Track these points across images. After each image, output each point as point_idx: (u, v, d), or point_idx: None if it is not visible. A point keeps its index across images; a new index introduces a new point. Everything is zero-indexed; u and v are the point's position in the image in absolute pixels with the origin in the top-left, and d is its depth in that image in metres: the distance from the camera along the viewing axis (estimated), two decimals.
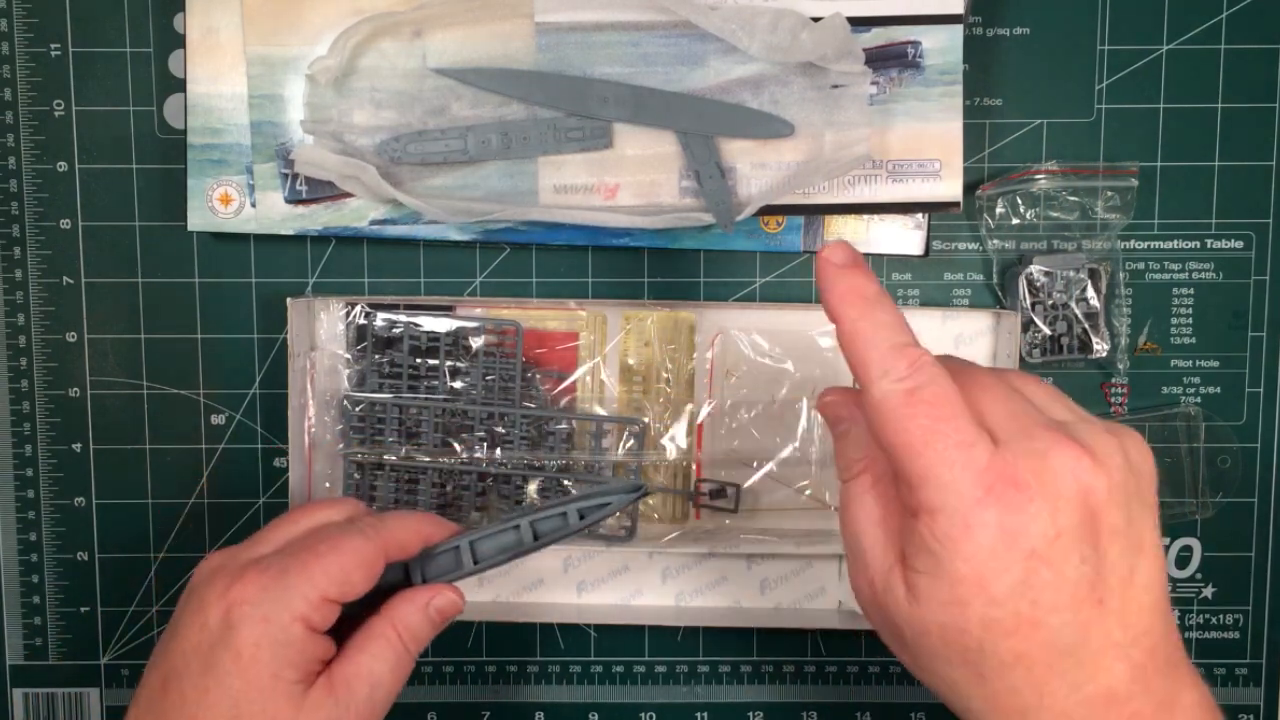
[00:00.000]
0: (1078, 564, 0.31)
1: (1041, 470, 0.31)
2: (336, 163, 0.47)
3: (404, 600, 0.40)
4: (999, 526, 0.30)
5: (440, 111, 0.48)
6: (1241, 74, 0.51)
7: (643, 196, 0.49)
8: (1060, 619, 0.31)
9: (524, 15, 0.48)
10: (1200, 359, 0.53)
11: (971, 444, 0.31)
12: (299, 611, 0.36)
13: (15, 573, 0.53)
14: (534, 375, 0.51)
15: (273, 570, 0.37)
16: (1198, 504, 0.53)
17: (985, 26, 0.51)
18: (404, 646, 0.39)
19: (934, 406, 0.31)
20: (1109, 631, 0.31)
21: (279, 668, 0.36)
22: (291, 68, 0.48)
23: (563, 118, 0.48)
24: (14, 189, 0.51)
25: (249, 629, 0.36)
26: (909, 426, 0.31)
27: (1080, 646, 0.31)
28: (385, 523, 0.40)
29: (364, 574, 0.38)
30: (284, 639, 0.36)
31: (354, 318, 0.51)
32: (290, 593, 0.37)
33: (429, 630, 0.40)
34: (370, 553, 0.38)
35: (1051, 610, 0.31)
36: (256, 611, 0.36)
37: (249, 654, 0.36)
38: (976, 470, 0.31)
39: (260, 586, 0.37)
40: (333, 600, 0.37)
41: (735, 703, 0.54)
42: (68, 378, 0.52)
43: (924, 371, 0.32)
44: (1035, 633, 0.31)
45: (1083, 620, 0.31)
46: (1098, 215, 0.51)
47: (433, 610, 0.40)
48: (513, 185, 0.49)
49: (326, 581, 0.37)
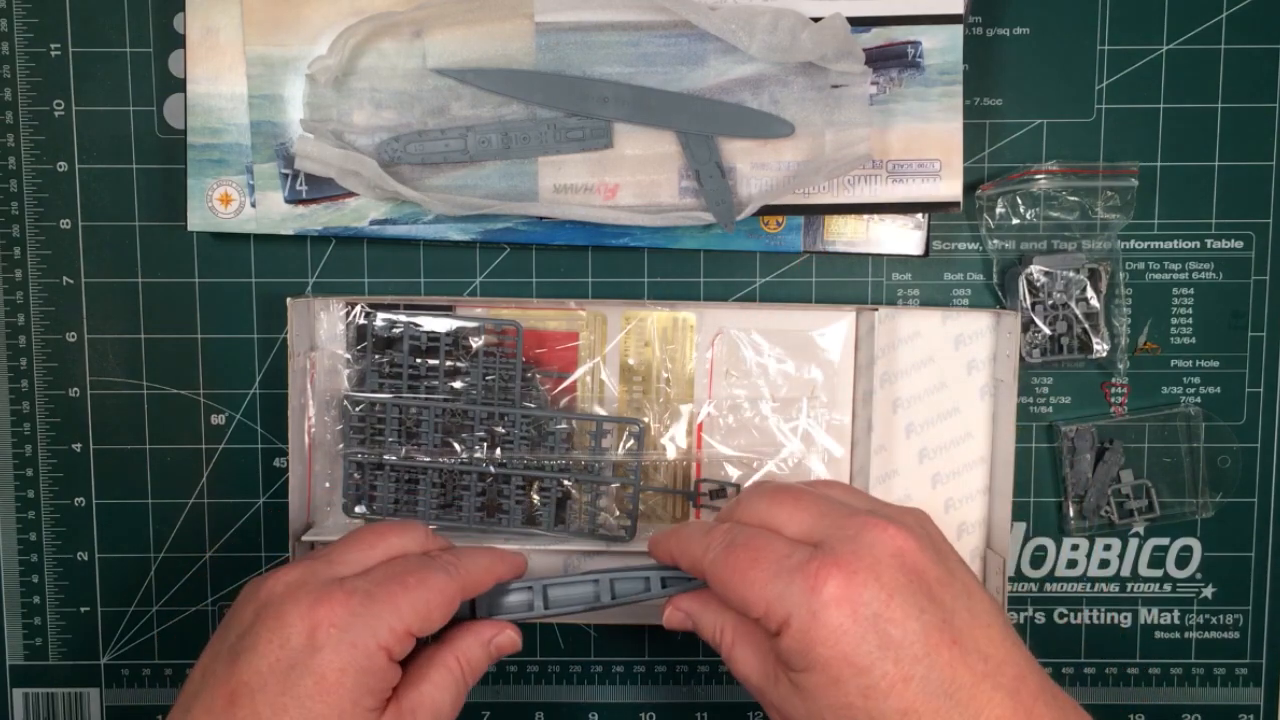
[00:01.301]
0: (919, 615, 0.35)
1: (857, 548, 0.36)
2: (337, 156, 0.47)
3: (469, 633, 0.41)
4: (839, 605, 0.35)
5: (440, 111, 0.48)
6: (1241, 74, 0.51)
7: (643, 196, 0.49)
8: (925, 667, 0.34)
9: (524, 15, 0.48)
10: (1200, 359, 0.53)
11: (789, 554, 0.37)
12: (384, 641, 0.37)
13: (15, 573, 0.53)
14: (534, 375, 0.51)
15: (359, 595, 0.37)
16: (1198, 504, 0.53)
17: (985, 26, 0.51)
18: (464, 678, 0.41)
19: (748, 548, 0.38)
20: (973, 666, 0.35)
21: (360, 695, 0.36)
22: (291, 68, 0.48)
23: (562, 118, 0.48)
24: (14, 189, 0.51)
25: (335, 653, 0.36)
26: (736, 570, 0.37)
27: (954, 688, 0.34)
28: (463, 561, 0.41)
29: (444, 611, 0.39)
30: (368, 666, 0.37)
31: (354, 318, 0.51)
32: (378, 622, 0.37)
33: (485, 665, 0.42)
34: (453, 592, 0.40)
35: (914, 661, 0.34)
36: (344, 636, 0.36)
37: (334, 678, 0.36)
38: (803, 572, 0.36)
39: (349, 610, 0.37)
40: (414, 634, 0.38)
41: (735, 703, 0.54)
42: (68, 378, 0.52)
43: (729, 532, 0.39)
44: (908, 687, 0.34)
45: (945, 662, 0.34)
46: (1098, 215, 0.51)
47: (493, 647, 0.42)
48: (512, 185, 0.49)
49: (413, 615, 0.38)
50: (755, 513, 0.40)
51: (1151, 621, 0.54)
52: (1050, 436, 0.53)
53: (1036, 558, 0.53)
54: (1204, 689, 0.54)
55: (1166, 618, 0.54)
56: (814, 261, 0.52)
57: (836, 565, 0.35)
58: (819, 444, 0.52)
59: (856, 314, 0.52)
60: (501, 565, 0.43)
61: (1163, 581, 0.54)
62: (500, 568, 0.43)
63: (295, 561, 0.41)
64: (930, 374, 0.52)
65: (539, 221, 0.49)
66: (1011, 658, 0.35)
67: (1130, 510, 0.53)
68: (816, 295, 0.52)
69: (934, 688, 0.34)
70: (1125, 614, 0.54)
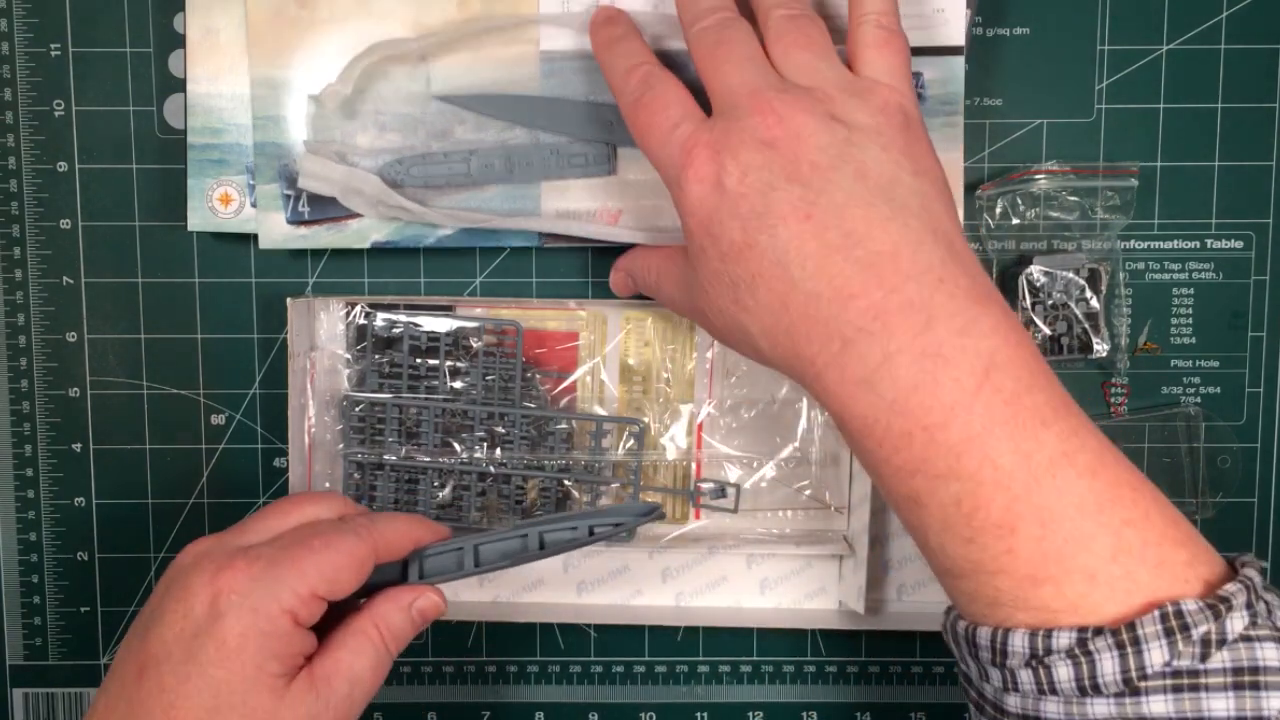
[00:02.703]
0: (769, 190, 0.36)
1: (732, 127, 0.37)
2: (341, 173, 0.47)
3: (387, 599, 0.40)
4: (699, 180, 0.37)
5: (444, 135, 0.48)
6: (1241, 74, 0.51)
7: (645, 221, 0.49)
8: (768, 236, 0.36)
9: (528, 42, 0.48)
10: (1200, 359, 0.53)
11: (675, 125, 0.39)
12: (288, 604, 0.36)
13: (15, 573, 0.53)
14: (534, 375, 0.51)
15: (263, 560, 0.37)
16: (1198, 504, 0.53)
17: (985, 26, 0.51)
18: (384, 645, 0.39)
19: (649, 108, 0.40)
20: (826, 239, 0.35)
21: (263, 660, 0.36)
22: (296, 90, 0.48)
23: (566, 143, 0.48)
24: (14, 189, 0.51)
25: (236, 618, 0.36)
26: (636, 127, 0.40)
27: (799, 256, 0.36)
28: (376, 524, 0.40)
29: (354, 574, 0.38)
30: (271, 631, 0.36)
31: (354, 318, 0.51)
32: (280, 585, 0.36)
33: (410, 630, 0.40)
34: (362, 553, 0.38)
35: (758, 230, 0.36)
36: (245, 601, 0.36)
37: (235, 644, 0.35)
38: (679, 144, 0.38)
39: (250, 576, 0.36)
40: (321, 597, 0.37)
41: (735, 703, 0.54)
42: (68, 378, 0.52)
43: (644, 82, 0.41)
44: (752, 252, 0.36)
45: (793, 234, 0.36)
46: (1098, 215, 0.51)
47: (415, 611, 0.40)
48: (515, 209, 0.49)
49: (317, 577, 0.37)
50: (702, 43, 0.40)
51: None
52: None
53: None
54: None
55: None
56: None
57: (705, 145, 0.38)
58: (819, 444, 0.52)
59: None
60: (419, 529, 0.41)
61: None
62: (418, 531, 0.41)
63: (209, 534, 0.40)
64: None
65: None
66: (884, 238, 0.35)
67: None
68: None
69: (775, 255, 0.36)
70: None
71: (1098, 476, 0.34)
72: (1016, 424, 0.34)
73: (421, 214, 0.48)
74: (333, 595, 0.37)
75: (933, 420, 0.34)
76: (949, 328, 0.34)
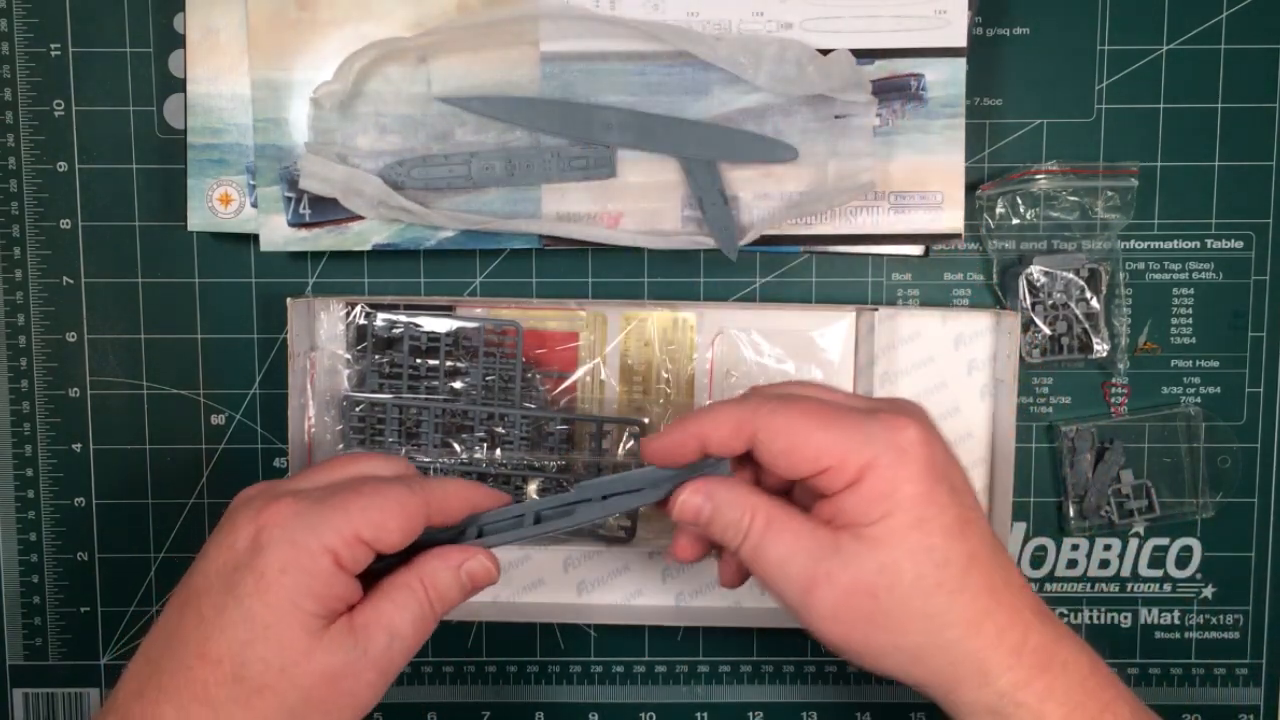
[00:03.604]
0: (963, 473, 0.38)
1: (904, 411, 0.38)
2: (342, 174, 0.47)
3: (436, 557, 0.39)
4: (923, 444, 0.36)
5: (444, 137, 0.48)
6: (1241, 74, 0.51)
7: (645, 224, 0.49)
8: (978, 514, 0.37)
9: (529, 43, 0.48)
10: (1200, 359, 0.53)
11: (851, 409, 0.37)
12: (329, 543, 0.35)
13: (15, 573, 0.53)
14: (534, 375, 0.51)
15: (309, 500, 0.36)
16: (1198, 504, 0.53)
17: (985, 26, 0.51)
18: (429, 602, 0.38)
19: (805, 404, 0.37)
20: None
21: (299, 596, 0.35)
22: (297, 92, 0.48)
23: (567, 146, 0.48)
24: (14, 189, 0.51)
25: (275, 552, 0.35)
26: (799, 422, 0.37)
27: (996, 541, 0.38)
28: (431, 482, 0.39)
29: (401, 524, 0.37)
30: (310, 567, 0.35)
31: (354, 318, 0.51)
32: (323, 524, 0.36)
33: (458, 592, 0.39)
34: (412, 505, 0.37)
35: (972, 508, 0.37)
36: (285, 535, 0.35)
37: (272, 577, 0.35)
38: (879, 420, 0.37)
39: (295, 512, 0.36)
40: (365, 542, 0.36)
41: (735, 703, 0.54)
42: (68, 378, 0.52)
43: (772, 397, 0.38)
44: (972, 530, 0.37)
45: (984, 518, 0.38)
46: (1098, 215, 0.51)
47: (464, 573, 0.39)
48: (515, 211, 0.49)
49: (362, 521, 0.36)
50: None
51: (1151, 621, 0.54)
52: (1050, 436, 0.53)
53: (1036, 558, 0.53)
54: (1204, 689, 0.54)
55: (1166, 618, 0.54)
56: (814, 261, 0.52)
57: (908, 416, 0.37)
58: None
59: (856, 314, 0.52)
60: (476, 493, 0.40)
61: (1163, 581, 0.54)
62: (474, 495, 0.40)
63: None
64: (930, 374, 0.52)
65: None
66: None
67: (1130, 510, 0.53)
68: (816, 295, 0.52)
69: (987, 535, 0.37)
70: (1125, 614, 0.54)
71: None
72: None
73: (422, 215, 0.48)
74: (378, 543, 0.36)
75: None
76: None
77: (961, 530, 0.36)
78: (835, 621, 0.36)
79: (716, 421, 0.38)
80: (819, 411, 0.37)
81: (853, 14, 0.48)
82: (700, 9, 0.48)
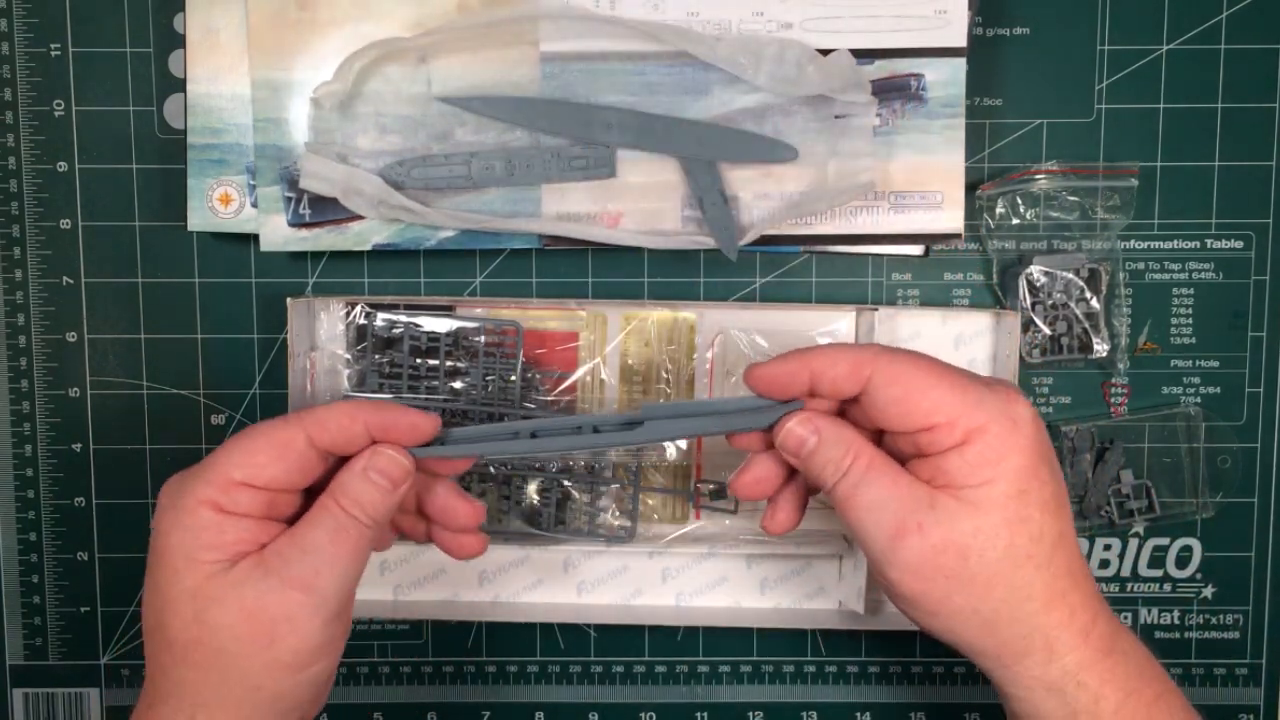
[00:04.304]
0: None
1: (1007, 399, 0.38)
2: (342, 173, 0.47)
3: (344, 469, 0.38)
4: (1035, 420, 0.38)
5: (444, 137, 0.48)
6: (1241, 74, 0.51)
7: (645, 224, 0.49)
8: (1066, 498, 0.39)
9: (529, 43, 0.48)
10: (1200, 359, 0.53)
11: (969, 373, 0.38)
12: (203, 495, 0.37)
13: (15, 573, 0.53)
14: (534, 375, 0.51)
15: (193, 465, 0.38)
16: (1198, 504, 0.53)
17: (985, 26, 0.51)
18: (342, 510, 0.38)
19: (924, 359, 0.38)
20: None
21: (191, 550, 0.36)
22: (297, 92, 0.48)
23: (567, 145, 0.48)
24: (14, 189, 0.51)
25: (163, 520, 0.37)
26: (920, 373, 0.37)
27: (1073, 532, 0.39)
28: (316, 409, 0.38)
29: (273, 457, 0.37)
30: (191, 523, 0.36)
31: (354, 318, 0.51)
32: (196, 479, 0.37)
33: (372, 491, 0.38)
34: (284, 436, 0.37)
35: (1065, 490, 0.39)
36: (169, 502, 0.37)
37: (163, 543, 0.37)
38: (995, 388, 0.38)
39: (177, 479, 0.38)
40: (243, 483, 0.37)
41: (735, 703, 0.54)
42: (68, 378, 0.52)
43: (888, 348, 0.38)
44: (1064, 511, 0.38)
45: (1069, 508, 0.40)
46: (1098, 215, 0.51)
47: (372, 472, 0.38)
48: (516, 211, 0.49)
49: (231, 465, 0.37)
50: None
51: (1151, 621, 0.54)
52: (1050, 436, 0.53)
53: None
54: (1204, 689, 0.54)
55: (1166, 618, 0.54)
56: (814, 261, 0.52)
57: (1018, 393, 0.38)
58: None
59: (856, 314, 0.52)
60: (364, 410, 0.38)
61: (1163, 581, 0.54)
62: (363, 412, 0.38)
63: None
64: None
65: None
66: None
67: (1130, 510, 0.53)
68: (816, 295, 0.52)
69: (1072, 520, 0.38)
70: (1125, 614, 0.54)
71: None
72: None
73: (423, 214, 0.48)
74: (255, 480, 0.37)
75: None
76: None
77: (1057, 509, 0.37)
78: (916, 575, 0.37)
79: (834, 358, 0.38)
80: (937, 368, 0.37)
81: (853, 14, 0.48)
82: (700, 9, 0.48)
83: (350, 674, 0.54)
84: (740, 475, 0.41)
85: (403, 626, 0.54)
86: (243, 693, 0.36)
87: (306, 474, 0.38)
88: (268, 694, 0.37)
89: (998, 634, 0.37)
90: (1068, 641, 0.37)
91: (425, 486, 0.41)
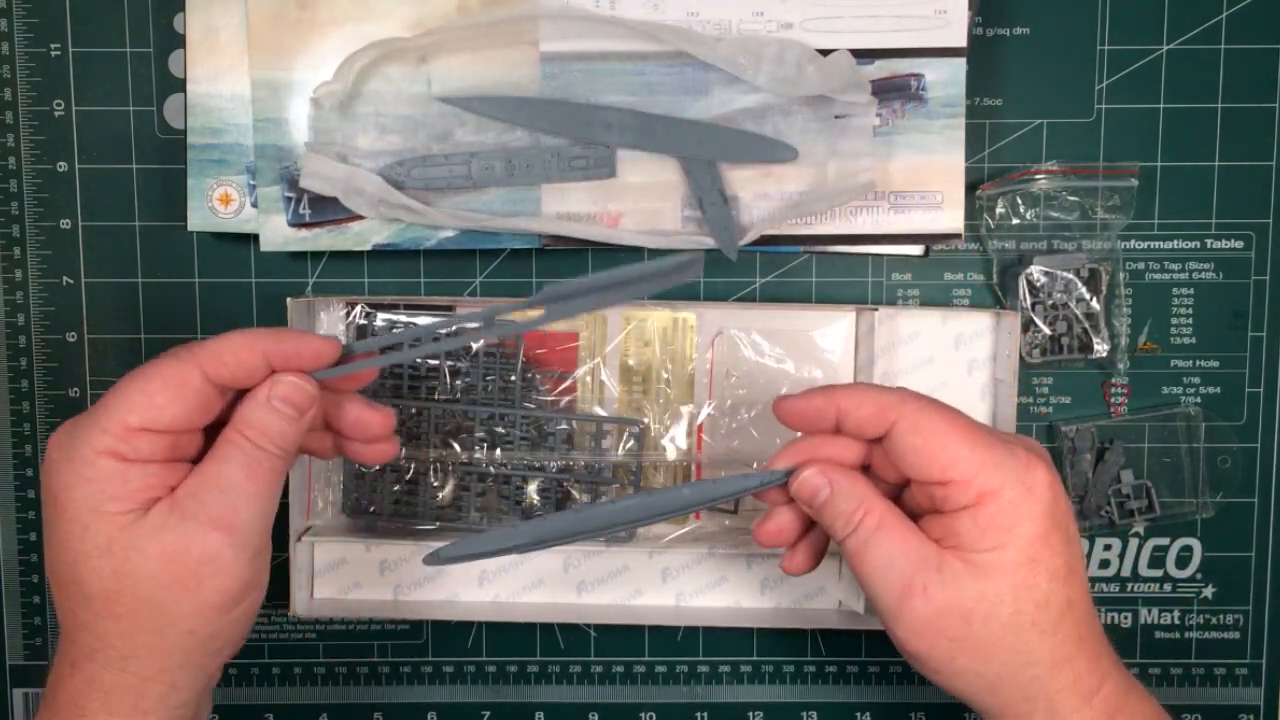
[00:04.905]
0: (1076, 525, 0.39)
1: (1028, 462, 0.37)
2: (342, 172, 0.47)
3: (245, 400, 0.37)
4: (1051, 487, 0.37)
5: (444, 137, 0.48)
6: (1241, 74, 0.51)
7: (645, 224, 0.49)
8: (1081, 566, 0.38)
9: (529, 43, 0.48)
10: (1200, 359, 0.53)
11: (989, 433, 0.37)
12: (100, 445, 0.35)
13: (15, 573, 0.53)
14: (534, 375, 0.51)
15: (82, 413, 0.36)
16: (1198, 504, 0.53)
17: (985, 26, 0.51)
18: (250, 442, 0.36)
19: (949, 414, 0.37)
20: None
21: (97, 503, 0.35)
22: (297, 92, 0.48)
23: (567, 145, 0.48)
24: (14, 189, 0.51)
25: (58, 475, 0.35)
26: (940, 428, 0.37)
27: (1089, 598, 0.39)
28: (208, 342, 0.37)
29: (171, 397, 0.35)
30: (92, 475, 0.35)
31: (354, 318, 0.51)
32: (90, 428, 0.35)
33: (278, 420, 0.37)
34: (177, 374, 0.36)
35: (1079, 559, 0.38)
36: (62, 455, 0.35)
37: (64, 497, 0.35)
38: (1013, 452, 0.37)
39: (66, 430, 0.36)
40: (142, 428, 0.35)
41: (735, 703, 0.54)
42: (68, 378, 0.52)
43: (917, 398, 0.38)
44: (1076, 580, 0.37)
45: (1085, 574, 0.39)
46: (1098, 215, 0.51)
47: (275, 400, 0.37)
48: (515, 211, 0.49)
49: (126, 409, 0.35)
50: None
51: (1151, 621, 0.54)
52: (1050, 436, 0.53)
53: None
54: (1204, 689, 0.54)
55: (1166, 618, 0.54)
56: (814, 261, 0.52)
57: (1039, 457, 0.37)
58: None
59: (856, 314, 0.52)
60: (262, 339, 0.37)
61: (1163, 581, 0.54)
62: (262, 342, 0.37)
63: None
64: (930, 374, 0.52)
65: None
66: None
67: (1130, 510, 0.53)
68: (816, 295, 0.52)
69: (1085, 586, 0.38)
70: (1125, 614, 0.54)
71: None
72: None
73: (423, 214, 0.48)
74: (154, 423, 0.35)
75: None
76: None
77: (1066, 577, 0.37)
78: (921, 636, 0.37)
79: (861, 399, 0.38)
80: (960, 423, 0.37)
81: (853, 14, 0.48)
82: (700, 9, 0.48)
83: (350, 674, 0.54)
84: (762, 524, 0.41)
85: (403, 626, 0.54)
86: (174, 638, 0.36)
87: (207, 411, 0.36)
88: (199, 637, 0.36)
89: (1000, 695, 0.38)
90: (1072, 704, 0.37)
91: (332, 403, 0.40)
